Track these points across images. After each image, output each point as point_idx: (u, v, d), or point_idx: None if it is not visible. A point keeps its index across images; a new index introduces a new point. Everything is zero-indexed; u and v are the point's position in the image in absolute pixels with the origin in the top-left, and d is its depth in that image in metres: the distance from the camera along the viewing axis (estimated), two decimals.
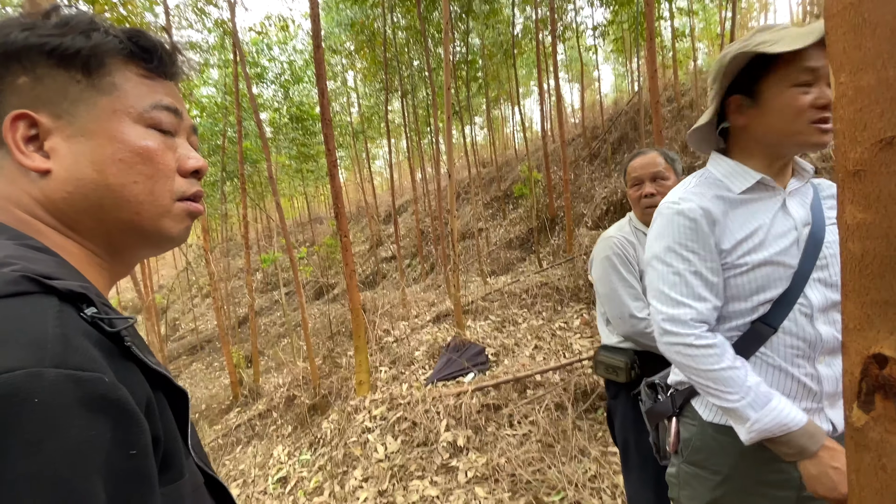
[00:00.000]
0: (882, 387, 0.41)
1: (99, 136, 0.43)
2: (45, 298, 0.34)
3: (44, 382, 0.28)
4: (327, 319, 9.23)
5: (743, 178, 0.92)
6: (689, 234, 0.91)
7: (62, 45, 0.41)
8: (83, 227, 0.44)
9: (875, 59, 0.38)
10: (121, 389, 0.32)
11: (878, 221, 0.40)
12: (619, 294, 1.47)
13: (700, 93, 9.99)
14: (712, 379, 0.86)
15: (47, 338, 0.30)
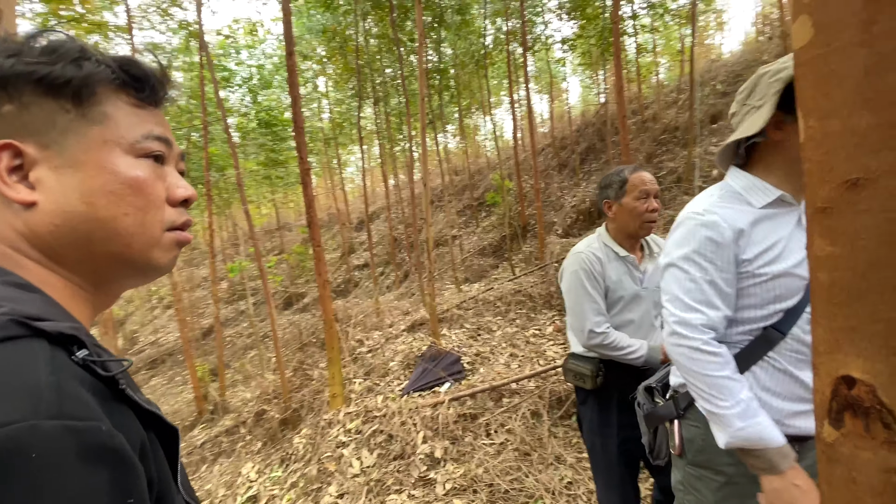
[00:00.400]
0: (851, 406, 0.45)
1: (89, 167, 0.41)
2: (35, 343, 0.33)
3: (41, 435, 0.27)
4: (297, 330, 9.01)
5: (763, 194, 0.96)
6: (709, 246, 0.95)
7: (52, 73, 0.40)
8: (69, 260, 0.42)
9: (841, 107, 0.42)
10: (117, 437, 0.32)
11: (845, 254, 0.44)
12: (583, 308, 1.52)
13: (662, 106, 10.46)
14: (711, 384, 0.91)
15: (41, 386, 0.30)
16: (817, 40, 0.43)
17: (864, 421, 0.43)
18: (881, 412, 0.42)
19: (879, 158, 0.40)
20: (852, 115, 0.41)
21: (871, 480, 0.43)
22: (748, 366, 0.97)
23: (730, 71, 9.22)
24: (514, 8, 9.36)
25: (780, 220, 0.96)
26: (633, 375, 1.46)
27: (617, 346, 1.49)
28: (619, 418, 1.54)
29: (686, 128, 8.38)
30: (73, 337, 0.35)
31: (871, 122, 0.40)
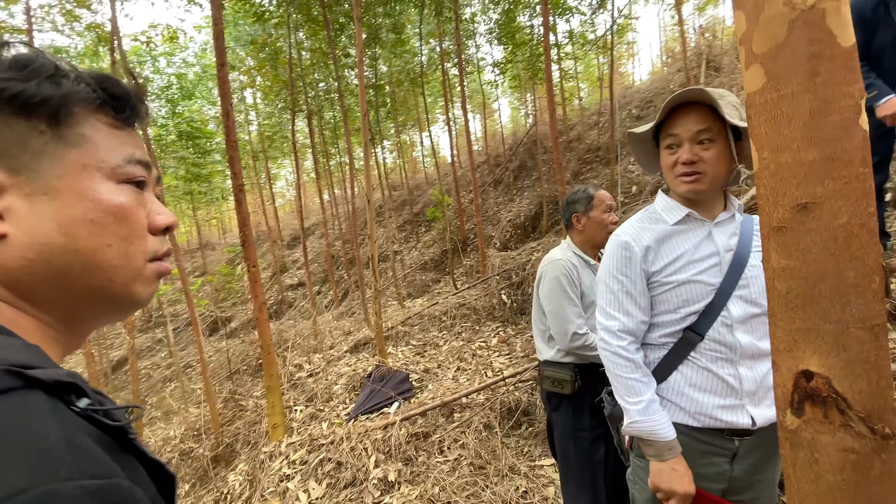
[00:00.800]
0: (810, 396, 0.52)
1: (66, 194, 0.37)
2: (32, 395, 0.29)
3: (62, 500, 0.25)
4: (226, 357, 8.34)
5: (675, 212, 1.11)
6: (623, 262, 1.12)
7: (25, 91, 0.35)
8: (41, 297, 0.38)
9: (791, 142, 0.50)
10: (137, 492, 0.30)
11: (798, 266, 0.51)
12: (565, 311, 1.62)
13: (585, 127, 11.32)
14: (622, 383, 1.10)
15: (51, 445, 0.27)
16: (769, 87, 0.51)
17: (822, 409, 0.50)
18: (837, 400, 0.49)
19: (824, 185, 0.48)
20: (801, 149, 0.49)
21: (832, 460, 0.50)
22: (675, 365, 1.09)
23: (643, 97, 10.26)
24: (447, 30, 9.69)
25: (688, 234, 1.10)
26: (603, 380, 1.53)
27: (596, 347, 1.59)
28: (591, 421, 1.62)
29: (607, 148, 9.14)
30: (71, 385, 0.32)
31: (817, 155, 0.48)
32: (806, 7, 0.47)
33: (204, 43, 12.33)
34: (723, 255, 1.07)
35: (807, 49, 0.47)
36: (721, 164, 1.02)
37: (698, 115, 1.02)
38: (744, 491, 1.09)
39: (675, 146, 1.06)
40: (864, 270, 0.47)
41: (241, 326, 11.96)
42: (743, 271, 1.06)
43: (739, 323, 1.04)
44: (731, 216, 1.10)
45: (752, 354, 1.05)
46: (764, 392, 1.05)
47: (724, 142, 1.02)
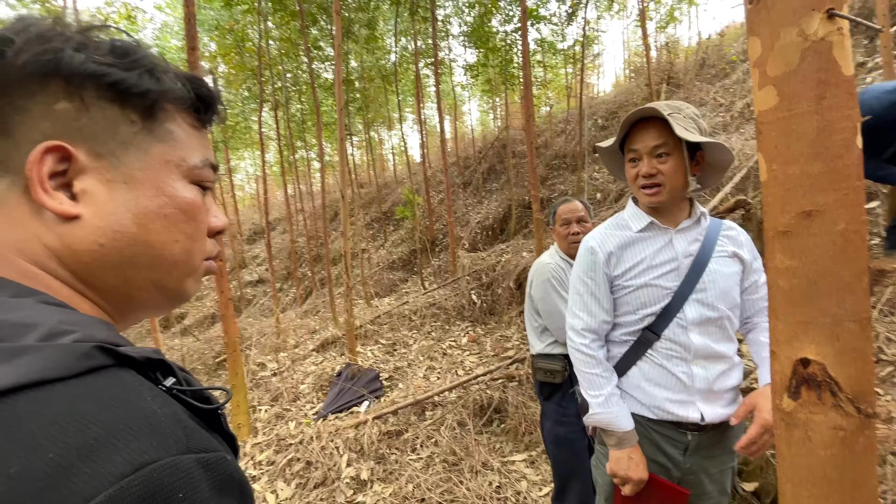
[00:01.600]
0: (806, 381, 0.59)
1: (146, 186, 0.37)
2: (126, 373, 0.30)
3: (181, 473, 0.26)
4: (179, 355, 7.94)
5: (640, 220, 1.19)
6: (589, 265, 1.22)
7: (127, 80, 0.36)
8: (103, 283, 0.37)
9: (799, 157, 0.56)
10: (238, 466, 0.31)
11: (801, 266, 0.58)
12: (559, 309, 1.78)
13: (552, 134, 11.65)
14: (585, 377, 1.20)
15: (160, 420, 0.28)
16: (781, 106, 0.57)
17: (816, 391, 0.57)
18: (830, 384, 0.56)
19: (826, 196, 0.55)
20: (807, 163, 0.56)
21: (823, 437, 0.57)
22: (634, 361, 1.19)
23: (608, 108, 10.69)
24: (421, 29, 9.69)
25: (650, 241, 1.17)
26: None
27: None
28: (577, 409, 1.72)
29: (574, 155, 9.45)
30: (159, 362, 0.33)
31: (821, 169, 0.55)
32: (817, 38, 0.53)
33: (164, 24, 11.66)
34: (681, 261, 1.14)
35: (816, 76, 0.54)
36: (678, 175, 1.09)
37: (655, 131, 1.09)
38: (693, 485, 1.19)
39: (636, 160, 1.14)
40: (857, 271, 0.54)
41: (196, 323, 11.41)
42: (701, 276, 1.12)
43: (694, 325, 1.12)
44: (694, 222, 1.17)
45: (706, 355, 1.13)
46: (715, 393, 1.12)
47: (680, 155, 1.08)
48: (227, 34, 9.13)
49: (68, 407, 0.25)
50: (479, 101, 22.55)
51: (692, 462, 1.16)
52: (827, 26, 0.53)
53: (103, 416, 0.25)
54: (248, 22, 8.63)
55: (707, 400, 1.13)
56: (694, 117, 1.11)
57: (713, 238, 1.16)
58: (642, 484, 1.12)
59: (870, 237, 3.22)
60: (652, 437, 1.17)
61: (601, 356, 1.19)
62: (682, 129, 1.04)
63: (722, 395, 1.14)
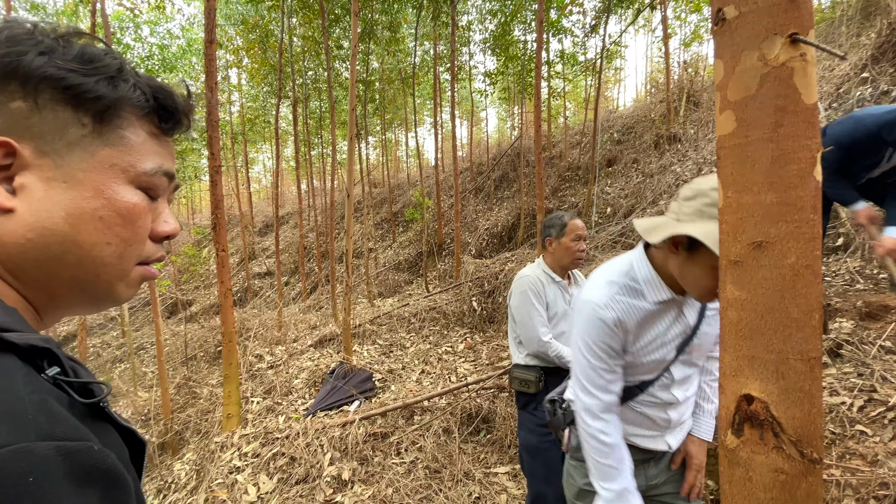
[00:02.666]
0: (750, 418, 0.56)
1: (84, 187, 0.38)
2: (6, 358, 0.30)
3: (35, 459, 0.26)
4: (182, 342, 8.04)
5: (659, 292, 1.06)
6: (606, 340, 1.06)
7: (83, 85, 0.37)
8: (27, 277, 0.38)
9: (753, 185, 0.54)
10: (109, 456, 0.31)
11: (750, 298, 0.56)
12: (532, 321, 1.83)
13: (567, 146, 11.60)
14: (597, 467, 1.08)
15: (26, 407, 0.28)
16: (738, 132, 0.55)
17: (759, 431, 0.55)
18: (772, 424, 0.53)
19: (778, 227, 0.53)
20: (761, 192, 0.54)
21: (764, 479, 0.54)
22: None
23: (625, 122, 10.59)
24: (442, 34, 9.75)
25: (664, 315, 1.08)
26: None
27: (559, 353, 1.82)
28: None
29: (587, 168, 9.38)
30: (45, 350, 0.33)
31: (774, 199, 0.53)
32: (777, 64, 0.51)
33: (191, 16, 11.94)
34: (687, 333, 1.10)
35: (774, 102, 0.52)
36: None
37: None
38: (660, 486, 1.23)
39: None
40: (806, 307, 0.52)
41: (203, 311, 11.56)
42: (692, 341, 1.11)
43: (679, 382, 1.14)
44: None
45: (682, 401, 1.17)
46: (682, 423, 1.18)
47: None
48: (252, 29, 9.30)
49: None
50: (498, 109, 22.58)
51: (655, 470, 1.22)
52: (789, 52, 0.51)
53: None
54: (273, 18, 8.78)
55: (675, 431, 1.19)
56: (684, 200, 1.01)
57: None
58: None
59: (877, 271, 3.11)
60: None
61: (618, 439, 1.08)
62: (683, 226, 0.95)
63: (686, 423, 1.22)
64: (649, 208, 6.40)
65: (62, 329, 11.40)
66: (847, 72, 5.91)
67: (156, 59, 10.03)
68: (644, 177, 7.62)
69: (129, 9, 5.82)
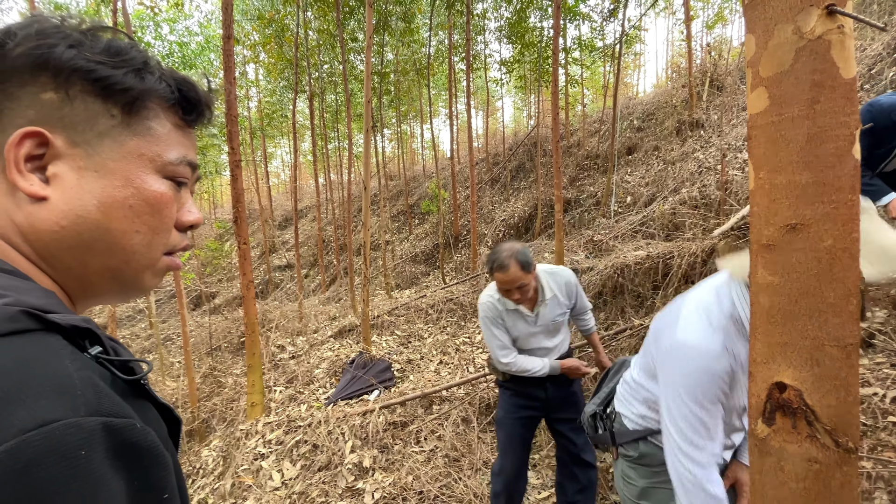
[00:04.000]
0: (782, 407, 0.55)
1: (115, 176, 0.39)
2: (51, 337, 0.31)
3: (85, 433, 0.27)
4: (206, 333, 8.27)
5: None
6: (714, 387, 0.96)
7: (112, 77, 0.38)
8: (61, 264, 0.39)
9: (787, 165, 0.52)
10: (150, 434, 0.32)
11: (782, 283, 0.54)
12: (492, 345, 1.93)
13: (585, 134, 11.38)
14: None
15: (74, 382, 0.29)
16: (771, 110, 0.53)
17: (791, 419, 0.53)
18: (806, 412, 0.52)
19: (813, 209, 0.51)
20: (795, 172, 0.51)
21: (796, 468, 0.53)
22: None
23: (645, 109, 10.32)
24: (457, 23, 9.63)
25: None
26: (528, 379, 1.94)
27: (522, 368, 1.90)
28: (519, 401, 2.00)
29: (606, 156, 9.20)
30: (87, 330, 0.34)
31: (809, 179, 0.50)
32: (813, 37, 0.49)
33: (209, 13, 12.09)
34: None
35: (810, 77, 0.49)
36: None
37: None
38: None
39: None
40: (843, 292, 0.50)
41: (226, 303, 11.86)
42: None
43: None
44: None
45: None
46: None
47: None
48: (268, 24, 9.37)
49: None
50: (514, 98, 22.28)
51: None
52: (826, 24, 0.48)
53: (16, 373, 0.27)
54: (289, 12, 8.81)
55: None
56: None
57: None
58: None
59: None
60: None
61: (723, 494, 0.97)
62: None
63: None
64: (671, 196, 6.24)
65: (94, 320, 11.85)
66: (880, 52, 5.62)
67: (175, 56, 10.22)
68: (665, 164, 7.43)
69: (150, 7, 5.93)
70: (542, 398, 1.98)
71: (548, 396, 1.98)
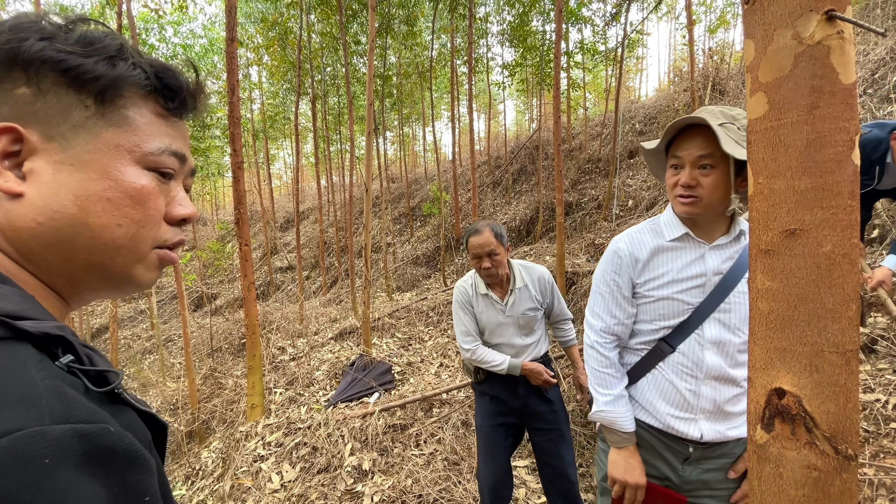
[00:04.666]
0: (781, 413, 0.54)
1: (91, 168, 0.38)
2: (19, 346, 0.30)
3: (49, 441, 0.26)
4: (208, 334, 8.28)
5: (674, 229, 1.14)
6: (614, 267, 1.19)
7: (82, 66, 0.37)
8: (43, 261, 0.38)
9: (786, 170, 0.52)
10: (128, 437, 0.31)
11: (781, 289, 0.54)
12: (457, 330, 1.93)
13: (587, 137, 11.39)
14: (595, 375, 1.21)
15: (39, 392, 0.28)
16: (770, 115, 0.53)
17: (790, 426, 0.53)
18: (805, 418, 0.51)
19: (812, 214, 0.50)
20: (794, 177, 0.51)
21: (795, 475, 0.52)
22: (644, 372, 1.18)
23: (647, 113, 10.33)
24: (459, 27, 9.67)
25: (681, 252, 1.12)
26: (507, 378, 1.89)
27: (482, 359, 1.87)
28: (491, 408, 1.94)
29: (608, 160, 9.20)
30: (59, 338, 0.33)
31: (809, 184, 0.50)
32: (812, 42, 0.49)
33: (213, 15, 12.17)
34: (709, 278, 1.09)
35: (809, 82, 0.49)
36: (718, 190, 1.03)
37: (702, 140, 1.02)
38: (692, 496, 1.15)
39: (678, 167, 1.08)
40: (843, 298, 0.50)
41: (227, 304, 11.87)
42: (727, 296, 1.07)
43: (711, 344, 1.08)
44: (732, 240, 1.10)
45: (718, 376, 1.08)
46: (725, 413, 1.08)
47: (725, 169, 1.02)
48: (271, 27, 9.42)
49: None
50: (516, 101, 22.32)
51: (691, 472, 1.13)
52: (825, 29, 0.48)
53: None
54: (292, 15, 8.86)
55: (712, 419, 1.10)
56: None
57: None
58: (639, 489, 1.13)
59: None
60: (652, 443, 1.17)
61: (614, 358, 1.19)
62: (731, 144, 0.96)
63: (732, 417, 1.09)
64: None
65: (95, 322, 11.87)
66: (883, 56, 5.62)
67: (180, 58, 10.28)
68: None
69: (154, 10, 5.97)
70: (515, 407, 1.90)
71: (522, 404, 1.90)
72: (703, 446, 1.10)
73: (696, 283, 1.10)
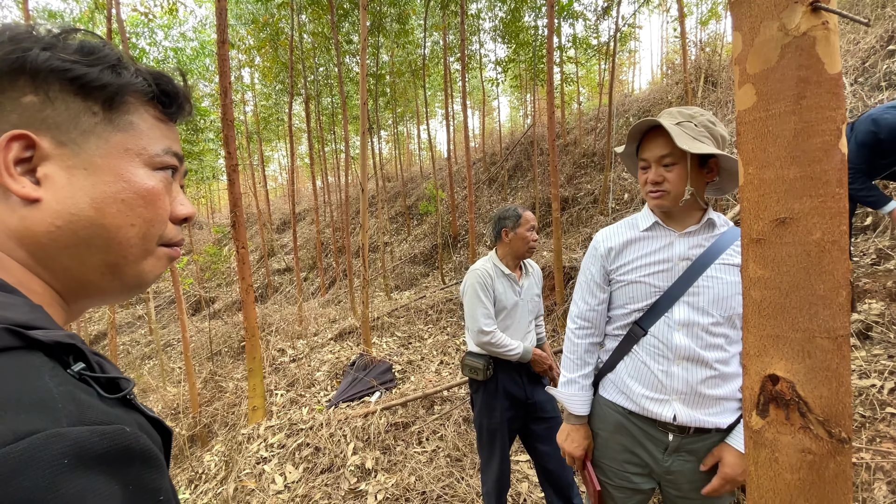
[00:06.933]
0: (775, 399, 0.55)
1: (104, 172, 0.40)
2: (32, 355, 0.31)
3: (68, 442, 0.27)
4: (207, 338, 8.26)
5: (647, 220, 1.25)
6: (590, 258, 1.32)
7: (88, 75, 0.39)
8: (58, 265, 0.39)
9: (775, 160, 0.53)
10: (142, 438, 0.32)
11: (773, 277, 0.55)
12: (476, 312, 1.90)
13: (582, 132, 11.40)
14: (564, 357, 1.35)
15: (55, 397, 0.29)
16: (758, 106, 0.54)
17: (785, 411, 0.54)
18: (799, 403, 0.52)
19: (802, 202, 0.51)
20: (783, 167, 0.52)
21: (790, 459, 0.53)
22: (622, 356, 1.25)
23: (640, 106, 10.35)
24: (451, 24, 9.64)
25: (652, 240, 1.22)
26: (514, 370, 1.92)
27: (500, 343, 1.88)
28: (501, 403, 1.92)
29: (603, 154, 9.22)
30: (70, 346, 0.34)
31: (797, 173, 0.51)
32: (798, 33, 0.49)
33: (203, 18, 12.10)
34: (675, 263, 1.17)
35: (796, 73, 0.50)
36: (682, 183, 1.14)
37: (663, 140, 1.13)
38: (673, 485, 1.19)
39: (646, 168, 1.19)
40: (833, 284, 0.50)
41: (225, 308, 11.85)
42: (696, 280, 1.14)
43: (681, 325, 1.14)
44: (702, 227, 1.18)
45: (689, 357, 1.14)
46: (699, 396, 1.12)
47: (685, 164, 1.12)
48: (263, 28, 9.37)
49: None
50: (510, 98, 22.30)
51: (672, 463, 1.17)
52: (810, 20, 0.49)
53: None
54: (283, 16, 8.82)
55: (687, 402, 1.14)
56: (708, 125, 1.14)
57: (722, 246, 1.15)
58: (576, 459, 1.30)
59: None
60: (632, 431, 1.21)
61: (584, 345, 1.31)
62: (687, 140, 1.08)
63: (707, 401, 1.12)
64: None
65: (92, 329, 11.83)
66: (873, 45, 5.65)
67: (170, 62, 10.22)
68: None
69: (144, 13, 5.93)
70: (521, 399, 1.94)
71: (526, 395, 1.94)
72: (681, 435, 1.14)
73: (663, 267, 1.18)
